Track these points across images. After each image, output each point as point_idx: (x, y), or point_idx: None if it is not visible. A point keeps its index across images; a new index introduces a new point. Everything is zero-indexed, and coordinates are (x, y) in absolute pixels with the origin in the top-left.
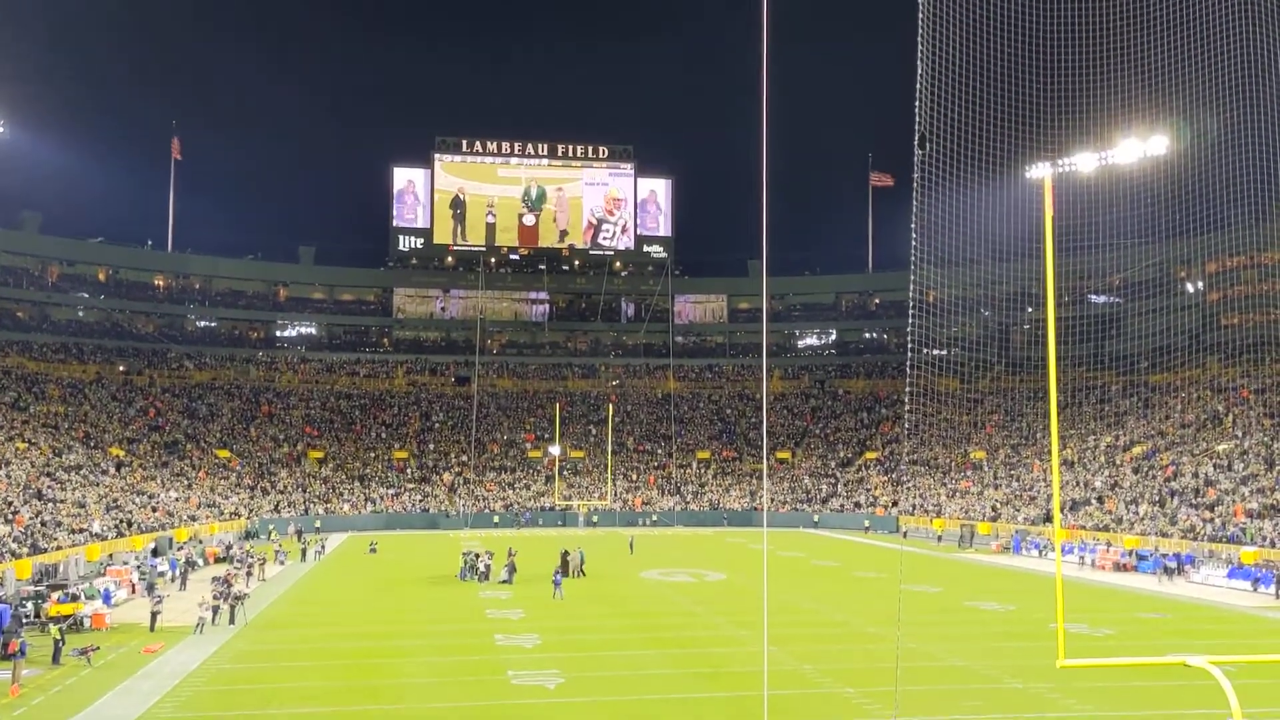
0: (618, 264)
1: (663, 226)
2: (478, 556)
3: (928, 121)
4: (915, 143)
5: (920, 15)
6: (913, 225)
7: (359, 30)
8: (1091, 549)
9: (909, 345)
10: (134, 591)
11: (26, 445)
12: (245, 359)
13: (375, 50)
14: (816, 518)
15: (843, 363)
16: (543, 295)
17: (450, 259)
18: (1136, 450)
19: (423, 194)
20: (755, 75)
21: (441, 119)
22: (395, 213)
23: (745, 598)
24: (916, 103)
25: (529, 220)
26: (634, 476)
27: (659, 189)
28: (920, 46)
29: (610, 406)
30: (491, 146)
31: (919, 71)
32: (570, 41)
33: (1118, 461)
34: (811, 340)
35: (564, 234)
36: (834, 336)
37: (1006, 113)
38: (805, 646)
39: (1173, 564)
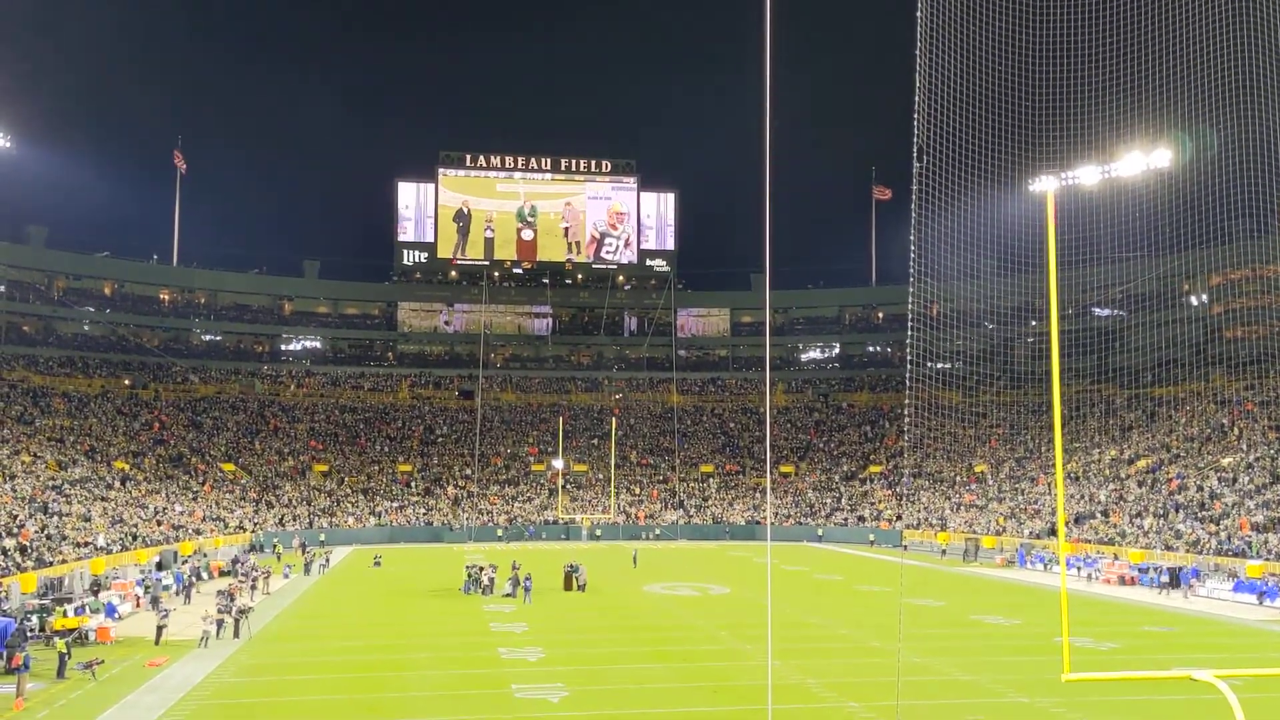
0: (620, 278)
1: (665, 240)
2: (481, 570)
3: (927, 134)
4: (914, 155)
5: (919, 29)
6: (912, 238)
7: (362, 44)
8: (1096, 563)
9: (908, 359)
10: (138, 605)
11: (32, 459)
12: (250, 373)
13: (379, 64)
14: (820, 532)
15: (846, 376)
16: (546, 309)
17: (454, 273)
18: (1141, 464)
19: (427, 208)
20: (758, 89)
21: (446, 133)
22: (399, 227)
23: (749, 611)
24: (915, 115)
25: (526, 235)
26: (637, 490)
27: (662, 202)
28: (919, 60)
29: (613, 420)
30: (495, 161)
31: (917, 84)
32: (573, 56)
33: (1122, 475)
34: (815, 354)
35: (571, 246)
36: (837, 350)
37: (1009, 126)
38: (809, 660)
39: (1166, 578)
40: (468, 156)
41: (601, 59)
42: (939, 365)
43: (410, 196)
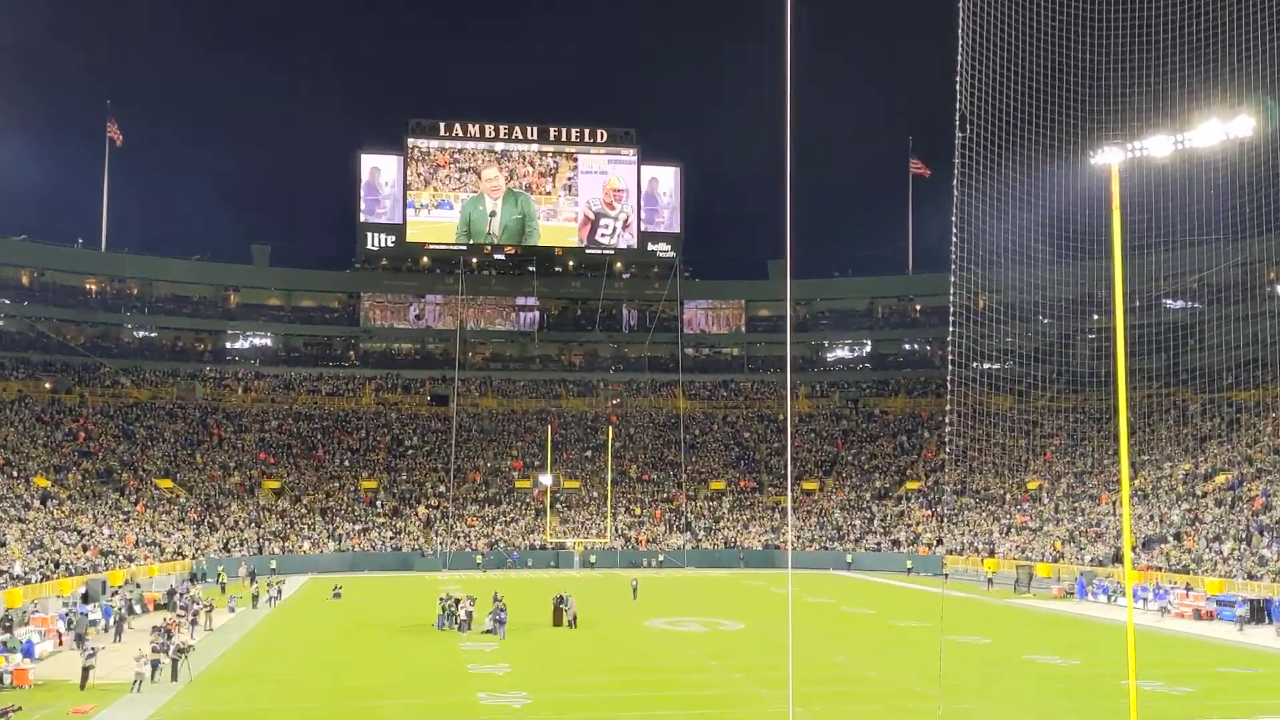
0: (618, 265)
1: (670, 221)
2: (458, 603)
3: (970, 100)
4: (956, 124)
5: None
6: (954, 219)
7: (323, 1)
8: (1168, 594)
9: (951, 359)
10: (61, 643)
11: None
12: (190, 374)
13: (341, 24)
14: (849, 558)
15: (879, 378)
16: (532, 301)
17: (425, 259)
18: (1220, 479)
19: (394, 185)
20: (778, 48)
21: (417, 101)
22: (363, 207)
23: (767, 650)
24: (957, 78)
25: (510, 216)
26: (637, 510)
27: (666, 178)
28: (961, 13)
29: (610, 429)
30: (473, 130)
31: (960, 43)
32: (563, 12)
33: (1198, 492)
34: (843, 353)
35: (561, 229)
36: (869, 348)
37: (1066, 89)
38: (835, 706)
39: (1247, 612)
40: (442, 125)
41: (596, 15)
42: (986, 366)
43: (375, 171)
